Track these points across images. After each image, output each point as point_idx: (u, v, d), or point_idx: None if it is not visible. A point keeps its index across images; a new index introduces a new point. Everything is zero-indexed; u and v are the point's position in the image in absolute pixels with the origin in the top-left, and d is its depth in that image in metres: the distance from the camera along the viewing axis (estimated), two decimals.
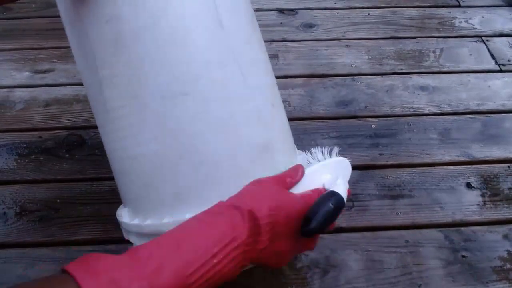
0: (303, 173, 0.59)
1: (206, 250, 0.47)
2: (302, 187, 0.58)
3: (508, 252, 0.76)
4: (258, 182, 0.56)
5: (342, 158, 0.63)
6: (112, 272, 0.43)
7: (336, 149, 0.64)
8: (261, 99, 0.61)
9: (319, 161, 0.62)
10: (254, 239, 0.51)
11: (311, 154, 0.63)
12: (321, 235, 0.78)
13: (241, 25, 0.61)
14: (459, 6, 1.31)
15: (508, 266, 0.74)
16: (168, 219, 0.58)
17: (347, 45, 1.17)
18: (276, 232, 0.52)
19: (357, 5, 1.30)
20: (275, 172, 0.58)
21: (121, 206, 0.70)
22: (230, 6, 0.59)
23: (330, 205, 0.54)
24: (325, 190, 0.57)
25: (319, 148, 0.64)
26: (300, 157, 0.68)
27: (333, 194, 0.55)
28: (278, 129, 0.63)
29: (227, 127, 0.57)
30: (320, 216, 0.53)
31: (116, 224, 0.70)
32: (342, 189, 0.57)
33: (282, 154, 0.62)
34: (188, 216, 0.53)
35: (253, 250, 0.51)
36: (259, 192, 0.54)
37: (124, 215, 0.65)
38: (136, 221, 0.62)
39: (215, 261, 0.47)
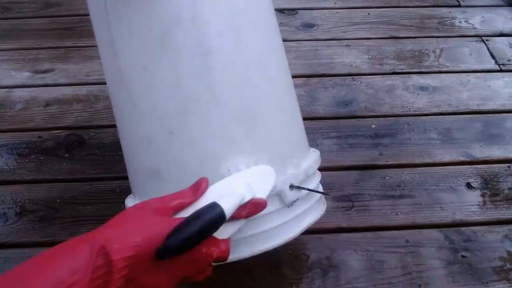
0: (206, 188, 0.52)
1: None
2: (203, 203, 0.51)
3: (508, 252, 0.76)
4: (132, 208, 0.50)
5: (265, 166, 0.58)
6: None
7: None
8: (152, 126, 0.59)
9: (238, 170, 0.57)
10: (105, 280, 0.43)
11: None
12: (321, 236, 0.78)
13: None
14: (459, 6, 1.31)
15: (508, 266, 0.74)
16: None
17: (347, 45, 1.17)
18: (140, 265, 0.45)
19: (357, 5, 1.30)
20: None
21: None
22: None
23: (203, 219, 0.47)
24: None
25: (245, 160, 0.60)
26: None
27: (211, 206, 0.49)
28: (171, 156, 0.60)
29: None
30: (179, 234, 0.46)
31: None
32: (232, 201, 0.50)
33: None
34: None
35: None
36: (123, 220, 0.48)
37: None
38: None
39: None
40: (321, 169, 0.87)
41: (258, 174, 0.57)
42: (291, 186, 0.60)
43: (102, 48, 0.64)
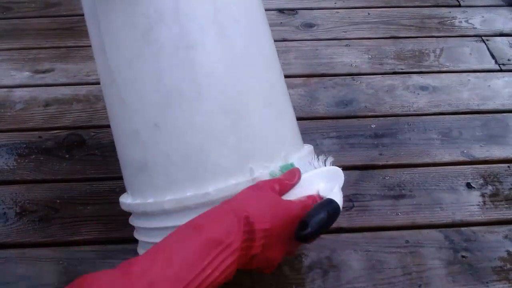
0: (299, 178, 0.59)
1: (199, 261, 0.47)
2: (298, 192, 0.58)
3: (508, 252, 0.76)
4: (255, 187, 0.56)
5: (336, 167, 0.63)
6: None
7: (331, 158, 0.64)
8: (139, 119, 0.61)
9: (315, 168, 0.62)
10: (248, 245, 0.51)
11: (308, 160, 0.64)
12: (321, 236, 0.78)
13: None
14: (459, 5, 1.31)
15: (508, 266, 0.74)
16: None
17: (347, 44, 1.17)
18: (270, 238, 0.52)
19: (357, 5, 1.30)
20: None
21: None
22: None
23: (326, 212, 0.54)
24: (320, 197, 0.58)
25: (315, 155, 0.65)
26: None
27: (331, 201, 0.56)
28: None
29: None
30: (316, 222, 0.53)
31: (116, 224, 0.70)
32: (338, 198, 0.57)
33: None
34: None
35: (245, 256, 0.51)
36: (256, 197, 0.54)
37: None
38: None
39: (208, 271, 0.47)
40: None
41: (331, 174, 0.62)
42: None
43: (93, 45, 0.65)
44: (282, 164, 0.61)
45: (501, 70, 1.10)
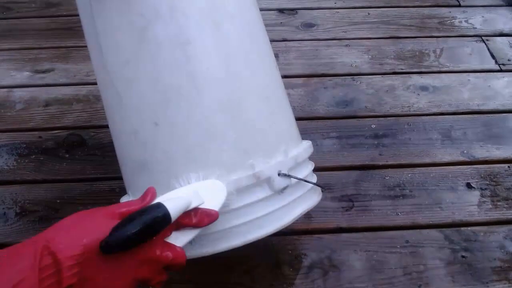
0: (152, 198, 0.52)
1: None
2: None
3: (508, 252, 0.76)
4: (77, 213, 0.50)
5: (215, 180, 0.57)
6: None
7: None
8: (138, 119, 0.60)
9: (188, 183, 0.57)
10: (55, 279, 0.44)
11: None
12: (321, 236, 0.78)
13: None
14: (459, 5, 1.31)
15: (508, 266, 0.74)
16: None
17: (347, 44, 1.17)
18: (92, 265, 0.46)
19: (357, 5, 1.30)
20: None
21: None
22: None
23: (146, 217, 0.49)
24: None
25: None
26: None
27: (156, 206, 0.50)
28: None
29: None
30: (125, 229, 0.47)
31: None
32: (177, 203, 0.52)
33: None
34: None
35: None
36: (71, 221, 0.48)
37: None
38: None
39: None
40: (321, 169, 0.88)
41: (208, 187, 0.56)
42: (279, 174, 0.60)
43: (89, 46, 0.65)
44: (281, 159, 0.61)
45: (501, 70, 1.10)
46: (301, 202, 0.65)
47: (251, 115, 0.61)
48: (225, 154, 0.59)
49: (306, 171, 0.66)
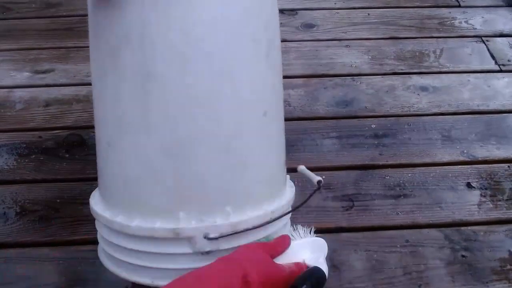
0: (289, 245, 0.59)
1: None
2: (285, 259, 0.58)
3: (508, 252, 0.76)
4: (249, 247, 0.56)
5: (320, 239, 0.64)
6: None
7: (312, 228, 0.63)
8: (99, 132, 0.61)
9: (300, 237, 0.63)
10: None
11: (293, 229, 0.63)
12: (320, 235, 0.78)
13: None
14: (459, 6, 1.31)
15: (508, 266, 0.74)
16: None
17: (347, 45, 1.17)
18: None
19: (357, 5, 1.30)
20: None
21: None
22: None
23: (315, 278, 0.57)
24: (306, 265, 0.59)
25: (300, 226, 0.63)
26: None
27: (318, 270, 0.58)
28: None
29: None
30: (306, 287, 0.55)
31: None
32: (324, 267, 0.60)
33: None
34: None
35: None
36: (251, 257, 0.54)
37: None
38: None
39: None
40: (321, 169, 0.88)
41: (315, 243, 0.63)
42: (206, 237, 0.55)
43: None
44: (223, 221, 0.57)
45: (501, 71, 1.10)
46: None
47: (199, 169, 0.56)
48: (156, 198, 0.56)
49: (245, 241, 0.59)
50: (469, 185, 0.86)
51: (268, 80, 0.60)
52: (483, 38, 1.19)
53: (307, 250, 0.61)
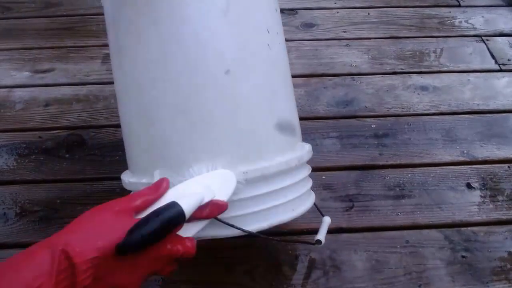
0: (166, 189, 0.54)
1: None
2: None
3: (508, 252, 0.76)
4: (90, 211, 0.52)
5: (225, 170, 0.58)
6: None
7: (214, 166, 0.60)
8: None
9: (193, 176, 0.58)
10: (70, 282, 0.45)
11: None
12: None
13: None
14: (459, 6, 1.31)
15: (508, 266, 0.74)
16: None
17: (347, 44, 1.17)
18: (106, 265, 0.47)
19: (357, 5, 1.30)
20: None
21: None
22: None
23: (162, 217, 0.49)
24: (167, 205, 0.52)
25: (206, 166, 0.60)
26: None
27: (170, 206, 0.51)
28: None
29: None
30: (140, 230, 0.48)
31: None
32: (191, 201, 0.52)
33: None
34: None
35: None
36: (85, 224, 0.49)
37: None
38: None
39: None
40: (321, 169, 0.88)
41: (218, 177, 0.58)
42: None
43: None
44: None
45: (501, 70, 1.10)
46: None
47: (162, 128, 0.61)
48: (139, 158, 0.65)
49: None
50: (469, 186, 0.86)
51: (231, 39, 0.61)
52: (483, 38, 1.19)
53: (200, 186, 0.55)
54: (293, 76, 1.07)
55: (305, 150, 0.68)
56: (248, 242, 0.77)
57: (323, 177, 0.87)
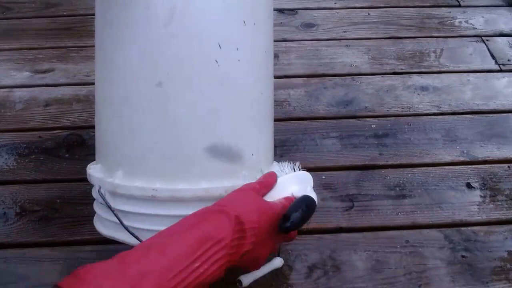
0: (276, 181, 0.64)
1: (190, 253, 0.49)
2: (274, 195, 0.63)
3: (508, 252, 0.76)
4: (240, 189, 0.60)
5: (304, 172, 0.68)
6: (100, 279, 0.46)
7: (298, 164, 0.69)
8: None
9: (286, 173, 0.67)
10: (239, 243, 0.54)
11: (279, 167, 0.69)
12: (321, 236, 0.78)
13: None
14: (459, 6, 1.31)
15: (508, 266, 0.74)
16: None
17: (347, 45, 1.17)
18: (258, 236, 0.56)
19: (357, 5, 1.30)
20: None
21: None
22: None
23: (305, 205, 0.61)
24: (294, 197, 0.64)
25: (285, 163, 0.69)
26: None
27: (307, 197, 0.63)
28: None
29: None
30: (296, 215, 0.59)
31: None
32: (314, 195, 0.64)
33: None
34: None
35: (237, 253, 0.54)
36: (242, 198, 0.58)
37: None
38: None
39: (198, 263, 0.49)
40: (321, 169, 0.88)
41: (301, 177, 0.68)
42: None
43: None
44: None
45: (501, 70, 1.10)
46: None
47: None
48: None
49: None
50: (469, 185, 0.86)
51: (167, 51, 0.60)
52: (483, 38, 1.19)
53: (294, 184, 0.66)
54: (293, 76, 1.08)
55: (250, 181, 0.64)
56: None
57: (323, 177, 0.87)
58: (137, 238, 0.61)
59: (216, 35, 0.60)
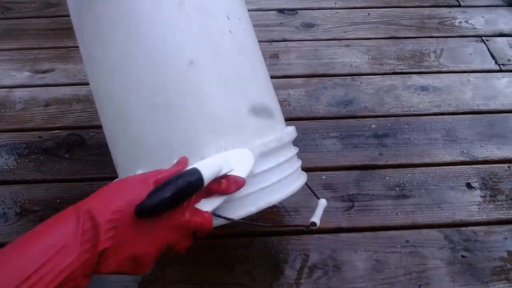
0: (184, 167, 0.56)
1: (31, 264, 0.44)
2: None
3: (508, 252, 0.76)
4: (120, 180, 0.54)
5: (244, 149, 0.60)
6: None
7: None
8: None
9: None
10: (94, 242, 0.47)
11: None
12: (321, 236, 0.78)
13: None
14: (459, 6, 1.31)
15: (508, 266, 0.74)
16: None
17: (347, 45, 1.17)
18: (124, 229, 0.48)
19: (357, 5, 1.30)
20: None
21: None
22: None
23: (182, 182, 0.51)
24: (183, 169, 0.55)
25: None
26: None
27: (191, 172, 0.52)
28: None
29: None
30: (158, 195, 0.49)
31: None
32: (210, 169, 0.54)
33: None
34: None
35: (93, 252, 0.47)
36: (108, 188, 0.51)
37: None
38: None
39: (40, 274, 0.44)
40: (321, 169, 0.88)
41: (236, 155, 0.59)
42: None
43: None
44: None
45: (501, 70, 1.10)
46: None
47: (136, 128, 0.63)
48: (121, 159, 0.66)
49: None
50: (469, 185, 0.86)
51: (189, 30, 0.61)
52: (483, 38, 1.19)
53: (219, 159, 0.58)
54: (293, 76, 1.08)
55: (286, 131, 0.68)
56: (249, 242, 0.77)
57: (323, 177, 0.87)
58: None
59: (222, 9, 0.64)
